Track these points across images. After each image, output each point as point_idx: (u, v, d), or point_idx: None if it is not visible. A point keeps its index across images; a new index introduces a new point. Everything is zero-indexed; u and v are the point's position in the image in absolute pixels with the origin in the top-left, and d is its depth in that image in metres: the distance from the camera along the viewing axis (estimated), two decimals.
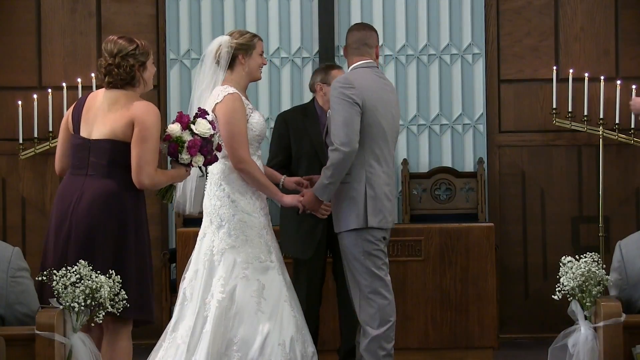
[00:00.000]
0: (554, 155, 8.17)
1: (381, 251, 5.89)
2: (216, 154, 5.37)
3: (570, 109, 7.93)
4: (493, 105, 8.16)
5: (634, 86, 7.83)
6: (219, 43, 5.84)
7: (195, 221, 6.69)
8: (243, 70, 5.85)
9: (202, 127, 5.24)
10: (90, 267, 4.77)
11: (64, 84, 7.95)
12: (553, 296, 4.92)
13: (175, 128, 5.22)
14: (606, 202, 7.95)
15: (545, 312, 7.86)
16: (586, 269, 4.82)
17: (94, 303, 4.71)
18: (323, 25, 8.07)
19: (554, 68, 8.02)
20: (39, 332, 4.57)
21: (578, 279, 4.81)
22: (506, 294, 8.00)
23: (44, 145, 7.95)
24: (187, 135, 5.22)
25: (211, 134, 5.27)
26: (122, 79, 5.17)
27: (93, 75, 7.81)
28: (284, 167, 6.62)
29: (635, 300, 4.83)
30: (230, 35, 5.89)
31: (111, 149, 5.11)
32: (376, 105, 5.87)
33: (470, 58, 8.15)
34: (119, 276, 4.82)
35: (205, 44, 7.40)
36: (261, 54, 5.90)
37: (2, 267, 4.67)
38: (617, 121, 7.87)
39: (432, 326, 7.24)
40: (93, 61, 7.94)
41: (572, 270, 4.84)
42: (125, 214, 5.11)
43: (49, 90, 7.96)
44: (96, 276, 4.73)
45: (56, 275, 4.72)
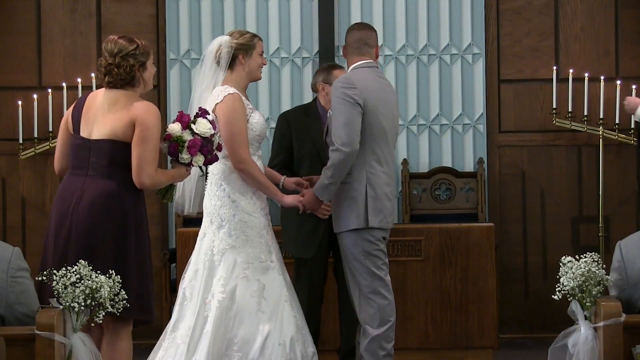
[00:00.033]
0: (554, 155, 8.16)
1: (381, 251, 5.89)
2: (216, 154, 5.36)
3: (570, 109, 7.92)
4: (493, 105, 8.16)
5: (634, 86, 7.82)
6: (219, 43, 5.83)
7: (195, 221, 6.69)
8: (243, 71, 5.85)
9: (203, 127, 5.24)
10: (90, 267, 4.77)
11: (64, 84, 7.95)
12: (553, 296, 4.91)
13: (175, 127, 5.21)
14: (606, 202, 7.95)
15: (545, 312, 7.86)
16: (586, 269, 4.82)
17: (94, 303, 4.71)
18: (323, 25, 8.07)
19: (554, 68, 8.02)
20: (39, 332, 4.56)
21: (578, 279, 4.81)
22: (506, 294, 7.99)
23: (44, 145, 7.94)
24: (188, 135, 5.21)
25: (211, 134, 5.27)
26: (122, 78, 5.16)
27: (93, 75, 7.80)
28: (285, 167, 6.62)
29: (635, 300, 4.82)
30: (231, 35, 5.88)
31: (111, 149, 5.11)
32: (377, 105, 5.86)
33: (470, 58, 8.14)
34: (119, 276, 4.82)
35: (205, 44, 7.40)
36: (261, 54, 5.90)
37: (2, 267, 4.66)
38: (617, 121, 7.86)
39: (432, 326, 7.23)
40: (93, 61, 7.94)
41: (572, 270, 4.84)
42: (125, 214, 5.11)
43: (49, 90, 7.96)
44: (96, 276, 4.72)
45: (56, 275, 4.71)
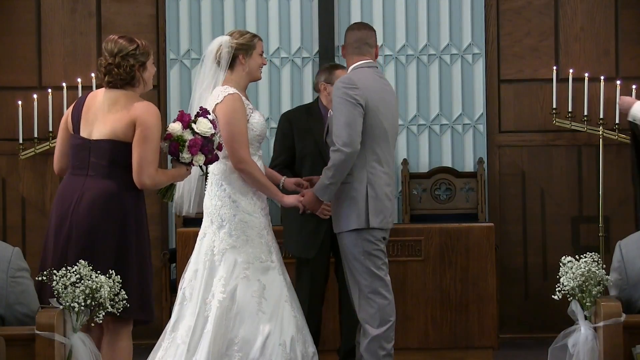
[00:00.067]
0: (554, 155, 8.16)
1: (381, 251, 5.89)
2: (217, 153, 5.36)
3: (570, 109, 7.92)
4: (493, 105, 8.16)
5: (634, 86, 7.82)
6: (219, 43, 5.83)
7: (195, 221, 6.68)
8: (243, 71, 5.85)
9: (203, 126, 5.23)
10: (90, 267, 4.77)
11: (64, 84, 7.95)
12: (553, 296, 4.91)
13: (176, 127, 5.21)
14: (606, 202, 7.95)
15: (545, 312, 7.85)
16: (586, 269, 4.82)
17: (94, 303, 4.71)
18: (323, 25, 8.07)
19: (554, 68, 8.02)
20: (39, 332, 4.56)
21: (578, 279, 4.81)
22: (506, 294, 7.99)
23: (44, 145, 7.94)
24: (188, 134, 5.21)
25: (212, 133, 5.26)
26: (122, 78, 5.16)
27: (93, 75, 7.80)
28: (287, 167, 6.62)
29: (635, 300, 4.82)
30: (231, 35, 5.88)
31: (111, 149, 5.10)
32: (378, 106, 5.86)
33: (470, 58, 8.14)
34: (119, 276, 4.82)
35: (205, 44, 7.41)
36: (261, 54, 5.90)
37: (2, 267, 4.66)
38: (617, 121, 7.85)
39: (432, 326, 7.23)
40: (93, 61, 7.94)
41: (572, 270, 4.83)
42: (125, 214, 5.11)
43: (49, 90, 7.96)
44: (96, 276, 4.72)
45: (56, 275, 4.71)
